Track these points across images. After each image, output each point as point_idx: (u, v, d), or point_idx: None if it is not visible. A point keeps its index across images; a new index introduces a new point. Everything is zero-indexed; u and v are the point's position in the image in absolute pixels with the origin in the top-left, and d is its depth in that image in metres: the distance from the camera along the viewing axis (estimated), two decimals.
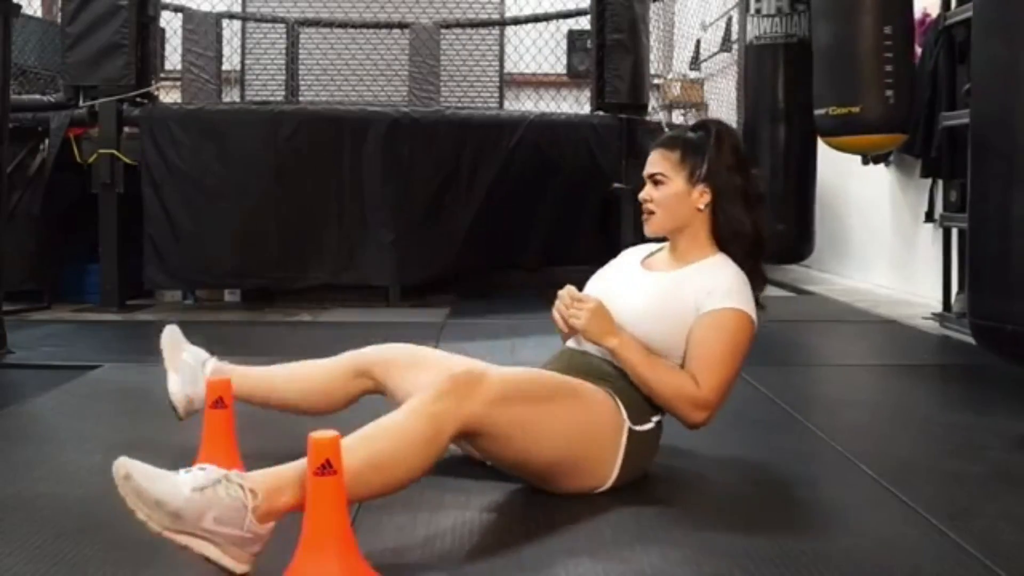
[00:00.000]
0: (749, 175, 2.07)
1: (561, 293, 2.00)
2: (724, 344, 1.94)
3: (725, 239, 2.05)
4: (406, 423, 1.63)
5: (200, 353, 2.24)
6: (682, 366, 1.97)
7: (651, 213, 2.06)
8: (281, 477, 1.55)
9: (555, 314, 2.00)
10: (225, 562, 1.48)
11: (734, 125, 6.99)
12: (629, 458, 1.90)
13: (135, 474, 1.45)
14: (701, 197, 2.03)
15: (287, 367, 2.24)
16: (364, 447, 1.58)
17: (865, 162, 5.07)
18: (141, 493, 1.44)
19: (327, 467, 1.43)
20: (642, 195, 2.07)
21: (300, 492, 1.51)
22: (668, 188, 2.03)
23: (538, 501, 1.85)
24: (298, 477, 1.52)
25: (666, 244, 2.14)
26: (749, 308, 1.98)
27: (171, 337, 2.24)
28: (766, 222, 2.10)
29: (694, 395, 1.92)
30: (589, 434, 1.86)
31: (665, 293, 2.00)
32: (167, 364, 2.21)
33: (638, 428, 1.92)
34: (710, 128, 2.08)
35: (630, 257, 2.21)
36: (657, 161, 2.05)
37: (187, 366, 2.19)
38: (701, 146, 2.04)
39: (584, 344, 2.01)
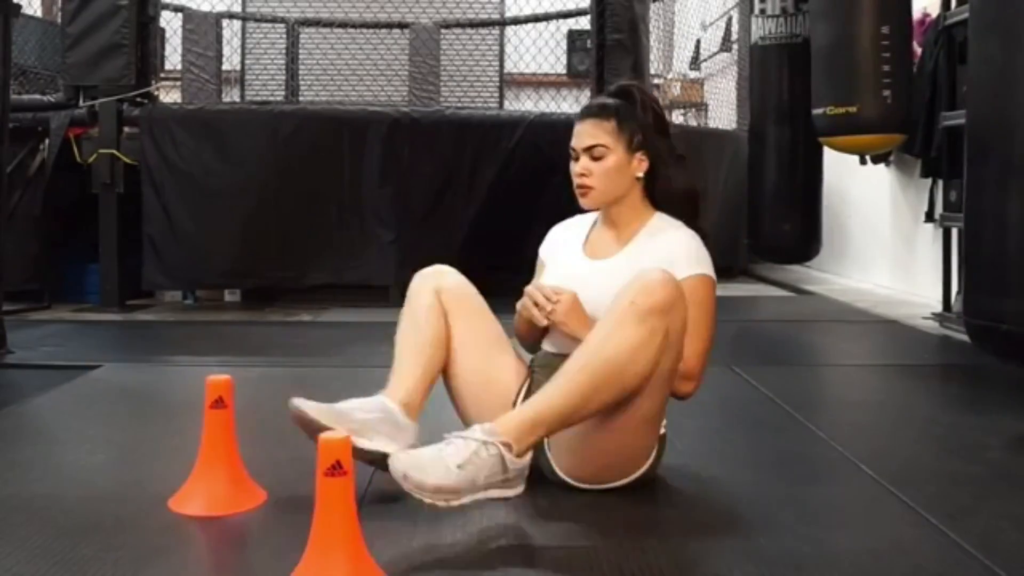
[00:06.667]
0: (669, 134, 2.03)
1: (528, 290, 1.98)
2: (699, 313, 1.88)
3: (663, 202, 2.02)
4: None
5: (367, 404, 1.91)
6: None
7: (589, 188, 1.98)
8: (526, 418, 1.70)
9: (532, 311, 1.94)
10: (505, 493, 1.69)
11: (734, 126, 7.00)
12: (656, 458, 1.94)
13: (411, 473, 1.60)
14: (640, 165, 1.99)
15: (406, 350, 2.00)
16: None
17: (863, 162, 5.05)
18: (422, 487, 1.59)
19: (337, 468, 1.43)
20: (578, 169, 1.98)
21: (545, 428, 1.71)
22: (609, 160, 1.96)
23: (540, 502, 1.85)
24: (540, 414, 1.70)
25: (597, 218, 2.09)
26: (711, 269, 1.95)
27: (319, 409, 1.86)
28: (692, 177, 2.06)
29: (681, 368, 1.87)
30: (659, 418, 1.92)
31: (622, 279, 1.83)
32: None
33: (662, 431, 1.97)
34: (634, 93, 2.01)
35: (567, 240, 2.14)
36: (593, 132, 1.96)
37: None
38: (632, 112, 1.98)
39: (561, 345, 1.96)
